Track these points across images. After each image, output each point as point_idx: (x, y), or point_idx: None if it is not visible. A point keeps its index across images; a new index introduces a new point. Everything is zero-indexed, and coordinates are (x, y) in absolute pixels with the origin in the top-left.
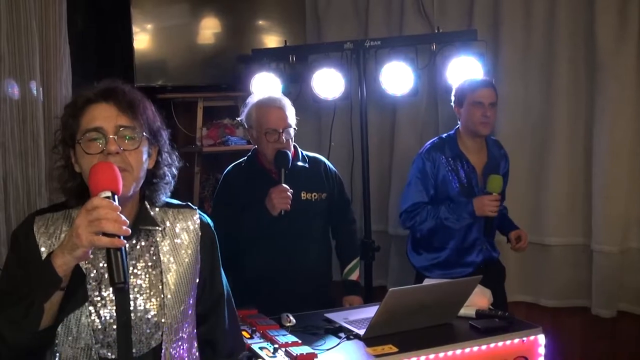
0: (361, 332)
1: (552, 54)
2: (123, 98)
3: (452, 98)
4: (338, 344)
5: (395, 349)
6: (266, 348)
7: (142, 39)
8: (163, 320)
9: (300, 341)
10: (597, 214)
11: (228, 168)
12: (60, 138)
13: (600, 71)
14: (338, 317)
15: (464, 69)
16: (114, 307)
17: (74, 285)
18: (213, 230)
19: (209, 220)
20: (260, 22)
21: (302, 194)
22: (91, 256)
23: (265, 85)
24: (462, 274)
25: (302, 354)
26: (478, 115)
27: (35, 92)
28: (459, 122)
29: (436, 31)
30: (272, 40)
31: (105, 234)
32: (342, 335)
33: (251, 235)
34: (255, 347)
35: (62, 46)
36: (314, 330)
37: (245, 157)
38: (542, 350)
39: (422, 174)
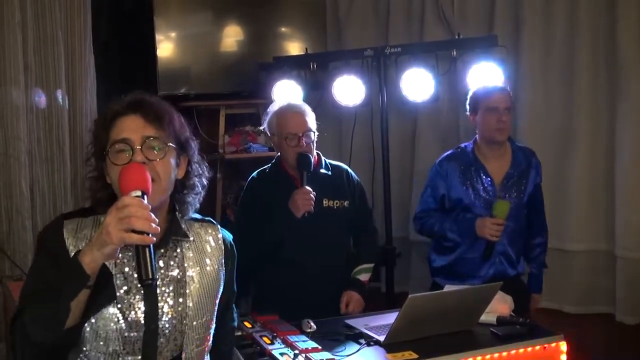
0: (381, 338)
1: (573, 59)
2: (150, 109)
3: (467, 107)
4: (358, 350)
5: (415, 355)
6: (286, 354)
7: (166, 47)
8: (185, 330)
9: (320, 347)
10: (620, 220)
11: (253, 174)
12: (92, 151)
13: (622, 76)
14: (358, 323)
15: (484, 75)
16: (142, 314)
17: (101, 284)
18: (232, 245)
19: (229, 236)
20: (282, 30)
21: (324, 201)
22: (119, 259)
23: (286, 92)
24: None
25: (323, 359)
26: (493, 121)
27: (61, 100)
28: (476, 132)
29: (456, 37)
30: (293, 48)
31: (135, 232)
32: (362, 341)
33: (273, 240)
34: (275, 352)
35: (87, 55)
36: (334, 336)
37: (270, 164)
38: (564, 357)
39: (433, 182)
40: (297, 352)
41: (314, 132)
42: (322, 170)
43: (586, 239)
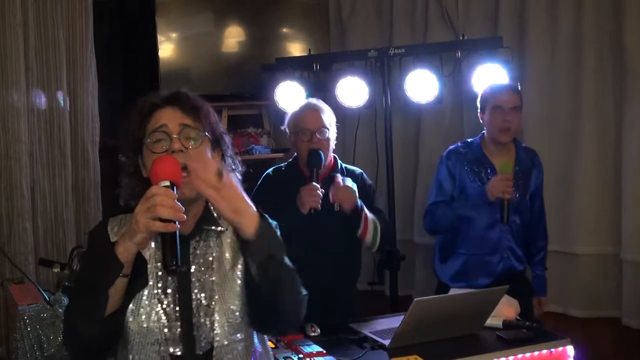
0: (386, 342)
1: (578, 60)
2: (187, 102)
3: (478, 104)
4: (363, 354)
5: None
6: (291, 358)
7: (167, 48)
8: (218, 318)
9: (324, 351)
10: (627, 223)
11: (268, 170)
12: (129, 145)
13: (628, 77)
14: (363, 327)
15: (489, 77)
16: (178, 304)
17: (137, 271)
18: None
19: (267, 217)
20: (284, 31)
21: (337, 205)
22: (152, 245)
23: (289, 94)
24: (483, 284)
25: None
26: (499, 120)
27: (62, 102)
28: (484, 129)
29: (461, 38)
30: (296, 49)
31: (161, 220)
32: (367, 345)
33: (282, 239)
34: (280, 357)
35: (88, 57)
36: (338, 340)
37: (286, 162)
38: None
39: (442, 175)
40: (301, 356)
41: (329, 130)
42: (338, 174)
43: (592, 243)
